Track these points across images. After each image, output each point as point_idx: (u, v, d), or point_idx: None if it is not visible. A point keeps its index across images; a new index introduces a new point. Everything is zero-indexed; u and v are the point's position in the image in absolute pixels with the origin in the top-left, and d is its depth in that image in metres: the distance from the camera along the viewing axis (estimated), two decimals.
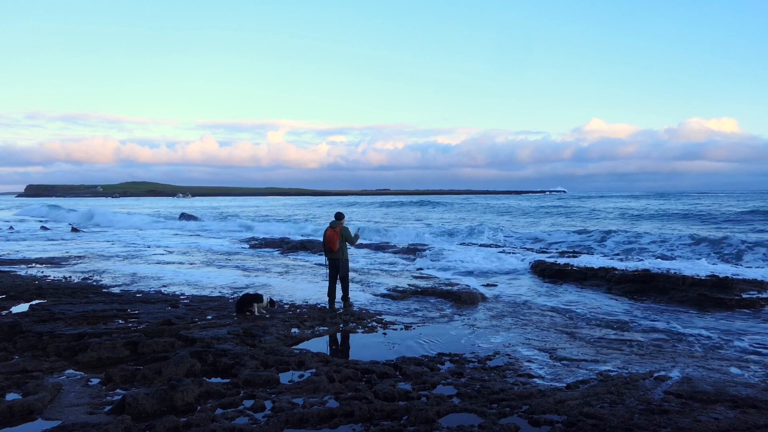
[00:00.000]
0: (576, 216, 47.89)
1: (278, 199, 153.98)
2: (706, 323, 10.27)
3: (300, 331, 9.49)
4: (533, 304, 12.15)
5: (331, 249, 11.68)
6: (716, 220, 37.21)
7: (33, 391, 6.17)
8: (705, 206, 55.26)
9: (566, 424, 5.48)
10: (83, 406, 5.94)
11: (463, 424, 5.50)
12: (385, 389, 6.32)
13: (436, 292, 13.21)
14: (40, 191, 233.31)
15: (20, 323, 9.27)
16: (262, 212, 67.72)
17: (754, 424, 5.49)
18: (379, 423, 5.54)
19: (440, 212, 62.46)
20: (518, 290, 13.96)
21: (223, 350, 7.80)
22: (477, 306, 11.86)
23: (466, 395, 6.30)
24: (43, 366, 7.28)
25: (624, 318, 10.72)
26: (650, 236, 25.53)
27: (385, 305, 11.94)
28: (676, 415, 5.72)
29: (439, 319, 10.58)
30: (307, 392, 6.37)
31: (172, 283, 14.76)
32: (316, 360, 7.61)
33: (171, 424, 5.32)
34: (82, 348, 7.86)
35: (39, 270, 17.07)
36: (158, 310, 10.92)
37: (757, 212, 40.81)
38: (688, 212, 45.31)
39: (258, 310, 10.55)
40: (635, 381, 6.80)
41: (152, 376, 6.78)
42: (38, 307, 10.81)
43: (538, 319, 10.60)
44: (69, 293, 12.58)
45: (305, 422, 5.54)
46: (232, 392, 6.35)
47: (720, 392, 6.38)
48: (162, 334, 8.72)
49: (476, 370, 7.33)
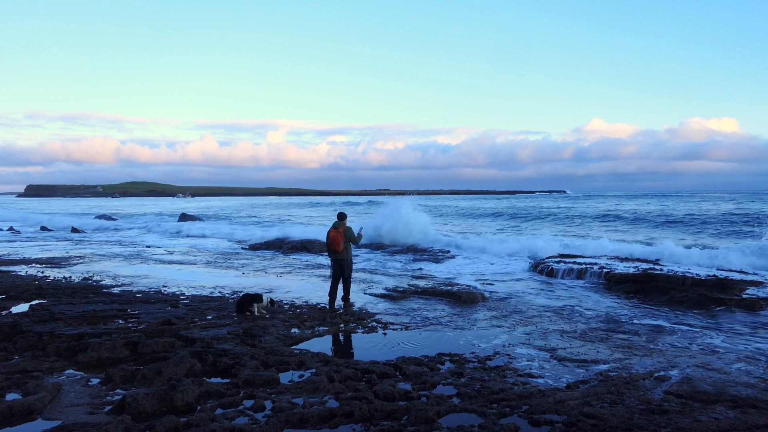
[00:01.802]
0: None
1: (265, 199, 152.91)
2: (706, 323, 10.27)
3: (300, 331, 9.49)
4: (533, 303, 12.15)
5: (335, 250, 11.66)
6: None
7: (33, 391, 6.17)
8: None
9: (566, 424, 5.48)
10: (83, 406, 5.94)
11: (463, 424, 5.50)
12: (385, 389, 6.32)
13: (436, 292, 13.21)
14: (40, 191, 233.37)
15: (20, 323, 9.27)
16: (243, 213, 66.58)
17: (754, 424, 5.49)
18: (379, 423, 5.54)
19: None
20: (518, 290, 13.96)
21: (223, 350, 7.80)
22: (477, 306, 11.85)
23: (466, 395, 6.30)
24: (43, 366, 7.27)
25: (624, 318, 10.71)
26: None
27: (385, 305, 11.94)
28: (676, 415, 5.72)
29: (439, 319, 10.57)
30: (307, 392, 6.37)
31: (172, 283, 14.77)
32: (316, 360, 7.61)
33: (171, 424, 5.32)
34: (82, 348, 7.86)
35: (39, 270, 17.08)
36: (158, 310, 10.92)
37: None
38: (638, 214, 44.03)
39: (258, 310, 10.55)
40: (635, 381, 6.80)
41: (152, 376, 6.78)
42: (38, 307, 10.81)
43: (538, 319, 10.60)
44: (69, 293, 12.59)
45: (305, 422, 5.54)
46: (232, 392, 6.35)
47: (720, 392, 6.38)
48: (162, 334, 8.72)
49: (476, 370, 7.32)
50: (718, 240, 26.84)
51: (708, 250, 18.81)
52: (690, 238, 27.89)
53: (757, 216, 37.45)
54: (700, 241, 26.45)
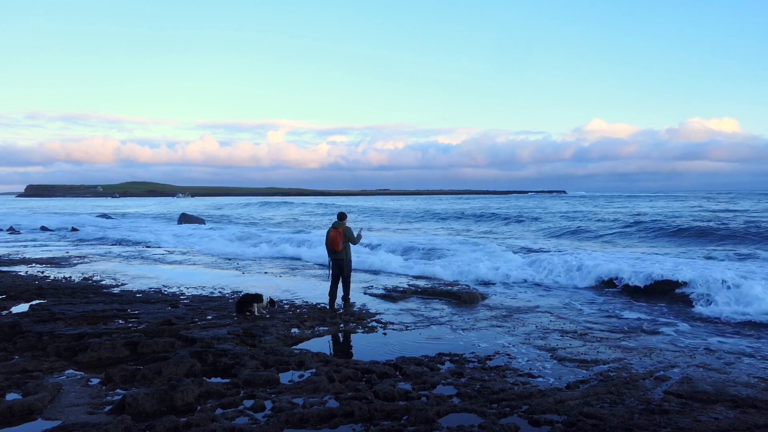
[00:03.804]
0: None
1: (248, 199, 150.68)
2: (706, 323, 10.26)
3: (300, 331, 9.49)
4: (533, 303, 12.15)
5: (334, 249, 11.69)
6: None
7: (33, 391, 6.16)
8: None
9: (566, 424, 5.48)
10: (83, 406, 5.94)
11: (463, 424, 5.49)
12: (385, 389, 6.31)
13: (435, 292, 13.21)
14: (40, 191, 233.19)
15: (20, 323, 9.27)
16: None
17: (754, 424, 5.49)
18: (379, 423, 5.54)
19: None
20: (518, 290, 13.96)
21: (223, 350, 7.80)
22: (477, 306, 11.85)
23: (466, 395, 6.30)
24: (43, 366, 7.27)
25: (624, 318, 10.70)
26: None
27: (385, 305, 11.94)
28: (676, 415, 5.72)
29: (439, 319, 10.57)
30: (307, 392, 6.37)
31: (172, 283, 14.77)
32: (316, 360, 7.61)
33: (171, 424, 5.32)
34: (82, 348, 7.86)
35: (39, 270, 17.08)
36: (158, 310, 10.92)
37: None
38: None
39: (258, 310, 10.55)
40: (635, 381, 6.80)
41: (152, 376, 6.78)
42: (38, 307, 10.81)
43: (537, 318, 10.59)
44: (69, 293, 12.59)
45: (305, 422, 5.54)
46: (232, 392, 6.35)
47: (720, 392, 6.38)
48: (162, 334, 8.72)
49: (476, 370, 7.32)
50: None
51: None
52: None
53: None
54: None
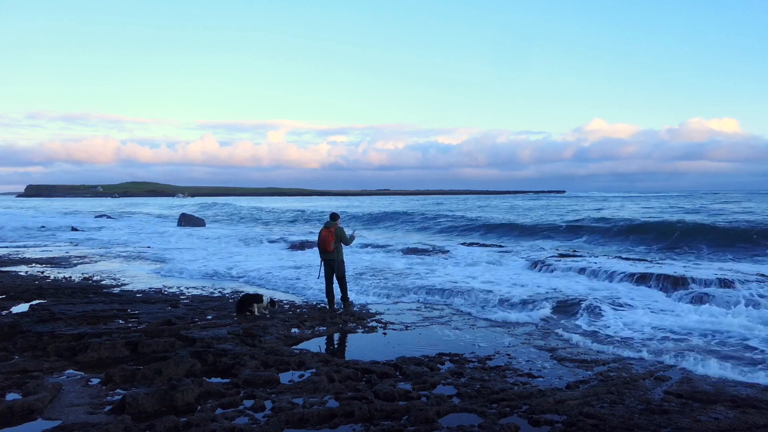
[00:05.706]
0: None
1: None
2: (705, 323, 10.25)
3: (300, 331, 9.50)
4: (533, 303, 12.13)
5: (326, 249, 11.66)
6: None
7: (33, 391, 6.17)
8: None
9: (566, 424, 5.48)
10: (83, 406, 5.94)
11: (463, 424, 5.49)
12: (385, 389, 6.31)
13: (436, 292, 13.20)
14: (40, 191, 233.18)
15: (20, 323, 9.27)
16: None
17: (754, 424, 5.49)
18: (379, 423, 5.54)
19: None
20: (518, 289, 13.94)
21: (223, 350, 7.80)
22: (477, 305, 11.83)
23: (466, 395, 6.30)
24: (43, 366, 7.28)
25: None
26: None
27: (385, 305, 11.94)
28: (676, 415, 5.72)
29: (439, 319, 10.57)
30: (307, 392, 6.37)
31: (172, 282, 14.76)
32: (316, 360, 7.61)
33: (171, 424, 5.32)
34: (82, 348, 7.87)
35: (39, 270, 17.08)
36: (158, 310, 10.92)
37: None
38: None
39: (258, 311, 10.56)
40: (635, 381, 6.80)
41: (152, 376, 6.78)
42: (38, 307, 10.81)
43: (537, 318, 10.58)
44: (69, 293, 12.59)
45: (305, 422, 5.54)
46: (232, 392, 6.35)
47: (720, 392, 6.37)
48: (162, 334, 8.73)
49: (476, 369, 7.32)
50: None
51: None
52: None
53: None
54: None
